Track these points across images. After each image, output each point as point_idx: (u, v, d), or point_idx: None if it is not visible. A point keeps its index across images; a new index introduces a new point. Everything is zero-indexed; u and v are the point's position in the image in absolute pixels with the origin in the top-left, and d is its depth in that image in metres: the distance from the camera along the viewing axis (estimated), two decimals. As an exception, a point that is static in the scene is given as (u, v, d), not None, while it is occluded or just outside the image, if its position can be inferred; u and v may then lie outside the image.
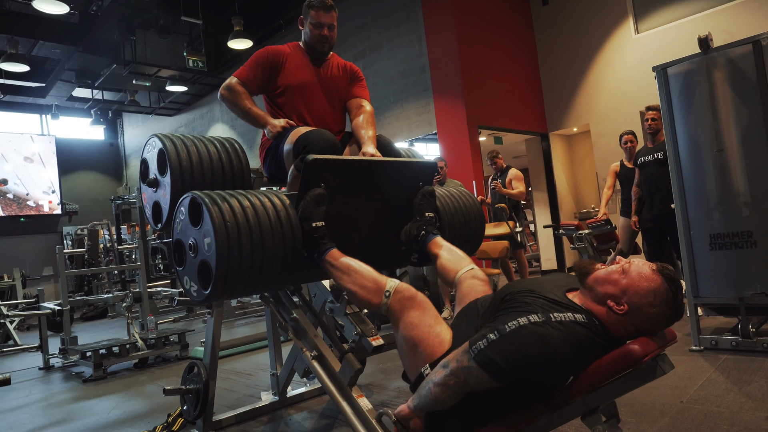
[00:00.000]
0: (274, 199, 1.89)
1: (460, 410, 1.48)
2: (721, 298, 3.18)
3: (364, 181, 2.05)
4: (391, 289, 1.67)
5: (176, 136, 2.22)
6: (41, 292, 5.65)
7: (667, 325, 1.45)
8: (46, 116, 13.87)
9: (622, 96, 7.26)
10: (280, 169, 2.33)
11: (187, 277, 1.89)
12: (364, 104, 2.49)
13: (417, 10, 7.45)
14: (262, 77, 2.40)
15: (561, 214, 8.22)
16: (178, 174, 2.11)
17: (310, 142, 2.08)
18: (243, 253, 1.73)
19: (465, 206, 2.51)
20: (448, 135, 7.15)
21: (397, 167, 2.13)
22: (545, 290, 1.50)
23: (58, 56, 9.92)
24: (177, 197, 1.99)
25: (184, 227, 1.88)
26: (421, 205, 2.14)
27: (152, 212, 2.29)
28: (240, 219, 1.76)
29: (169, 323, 6.33)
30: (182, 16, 8.51)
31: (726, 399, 2.39)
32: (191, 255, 1.83)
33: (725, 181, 3.13)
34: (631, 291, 1.41)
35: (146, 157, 2.30)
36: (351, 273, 1.78)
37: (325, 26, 2.41)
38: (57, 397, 3.72)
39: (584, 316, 1.41)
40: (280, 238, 1.82)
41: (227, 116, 11.35)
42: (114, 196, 11.14)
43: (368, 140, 2.25)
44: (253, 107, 2.36)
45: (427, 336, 1.58)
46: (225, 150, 2.28)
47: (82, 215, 13.80)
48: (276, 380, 2.89)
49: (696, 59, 3.21)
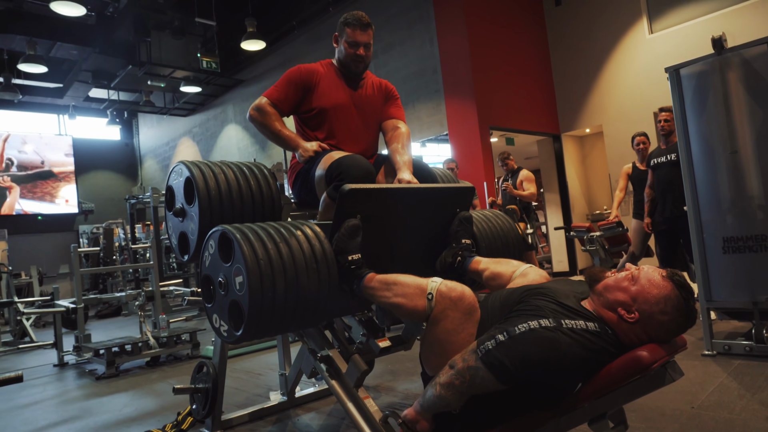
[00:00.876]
0: (307, 231, 1.80)
1: (467, 412, 1.48)
2: (735, 302, 3.13)
3: (400, 209, 1.97)
4: (433, 291, 1.53)
5: (203, 163, 2.13)
6: (56, 290, 5.73)
7: (679, 333, 1.43)
8: (64, 116, 14.09)
9: (636, 97, 7.19)
10: (310, 194, 2.25)
11: (217, 315, 1.81)
12: (400, 126, 2.39)
13: (429, 10, 7.45)
14: (294, 97, 2.30)
15: (573, 215, 8.15)
16: (206, 204, 2.02)
17: (344, 169, 1.99)
18: (276, 293, 1.64)
19: (502, 231, 2.41)
20: (460, 136, 7.14)
21: (434, 193, 2.06)
22: (560, 296, 1.49)
23: (75, 57, 10.08)
24: (206, 229, 1.92)
25: (214, 262, 1.79)
26: (458, 232, 2.07)
27: (178, 243, 2.20)
28: (273, 256, 1.66)
29: (181, 322, 6.39)
30: (196, 18, 8.61)
31: (738, 405, 2.36)
32: (221, 293, 1.75)
33: (739, 183, 3.08)
34: (641, 298, 1.39)
35: (172, 185, 2.21)
36: (391, 286, 1.67)
37: (361, 45, 2.29)
38: (71, 394, 3.78)
39: (597, 325, 1.40)
40: (316, 275, 1.73)
41: (240, 117, 11.44)
42: (129, 196, 11.28)
43: (404, 166, 2.15)
44: (284, 129, 2.26)
45: (464, 347, 1.47)
46: (254, 177, 2.19)
47: (98, 214, 14.01)
48: (284, 380, 2.90)
49: (709, 60, 3.17)
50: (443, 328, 1.51)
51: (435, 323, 1.53)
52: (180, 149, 13.69)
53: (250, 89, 10.96)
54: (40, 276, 9.44)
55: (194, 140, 13.10)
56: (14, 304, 6.18)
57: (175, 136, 13.90)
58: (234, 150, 11.59)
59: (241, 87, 11.27)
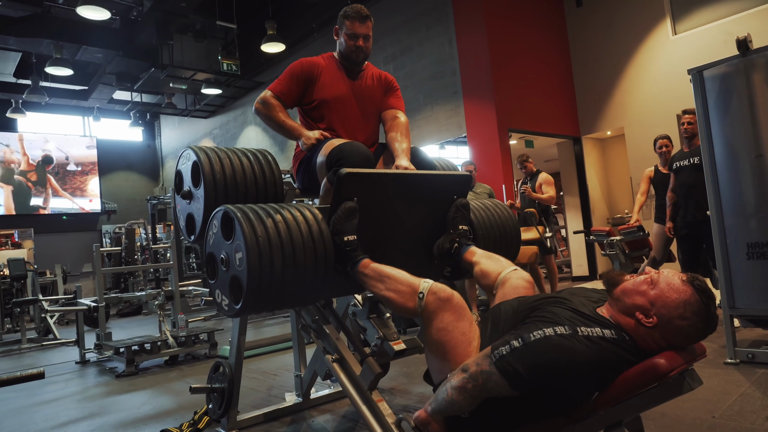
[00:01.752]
0: (306, 212, 1.88)
1: (479, 417, 1.47)
2: (759, 310, 3.05)
3: (397, 194, 2.02)
4: (424, 290, 1.61)
5: (210, 148, 2.22)
6: (79, 289, 5.85)
7: (699, 339, 1.40)
8: (88, 118, 14.39)
9: (658, 99, 7.07)
10: (313, 181, 2.33)
11: (219, 291, 1.89)
12: (399, 115, 2.46)
13: (448, 12, 7.43)
14: (297, 90, 2.39)
15: (593, 219, 8.05)
16: (211, 187, 2.12)
17: (343, 155, 2.06)
18: (274, 269, 1.72)
19: (500, 219, 2.44)
20: (478, 138, 7.10)
21: (431, 180, 2.10)
22: (576, 304, 1.47)
23: (100, 60, 10.29)
24: (210, 210, 2.00)
25: (217, 241, 1.88)
26: (455, 219, 2.11)
27: (186, 224, 2.29)
28: (272, 234, 1.75)
29: (199, 321, 6.47)
30: (218, 21, 8.71)
31: (761, 416, 2.30)
32: (223, 269, 1.83)
33: (764, 187, 3.01)
34: (659, 302, 1.37)
35: (181, 169, 2.31)
36: (385, 279, 1.74)
37: (361, 37, 2.38)
38: (91, 391, 3.85)
39: (613, 332, 1.37)
40: (312, 253, 1.80)
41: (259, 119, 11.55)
42: (150, 196, 11.47)
43: (402, 153, 2.22)
44: (288, 120, 2.36)
45: (459, 344, 1.54)
46: (258, 162, 2.28)
47: (120, 214, 14.28)
48: (300, 382, 2.92)
49: (734, 61, 3.10)
50: (436, 328, 1.56)
51: (428, 324, 1.58)
52: (201, 151, 13.85)
53: (270, 91, 11.05)
54: (64, 274, 9.64)
55: (215, 141, 13.26)
56: (39, 302, 6.33)
57: (196, 138, 14.09)
58: (253, 151, 11.69)
59: (261, 89, 11.31)
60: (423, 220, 2.11)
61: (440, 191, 2.12)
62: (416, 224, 2.11)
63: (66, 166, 13.91)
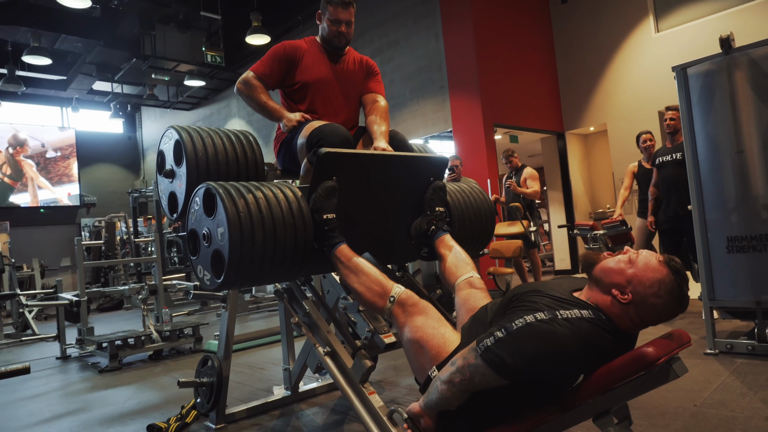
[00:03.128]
0: (286, 190, 1.93)
1: (470, 410, 1.49)
2: (738, 302, 3.13)
3: (376, 175, 2.07)
4: (395, 295, 1.71)
5: (192, 128, 2.25)
6: (59, 283, 5.75)
7: (670, 317, 1.45)
8: (67, 109, 14.10)
9: (641, 96, 7.17)
10: (293, 162, 2.36)
11: (201, 266, 1.94)
12: (379, 99, 2.51)
13: (435, 6, 7.43)
14: (279, 72, 2.41)
15: (576, 214, 8.15)
16: (194, 165, 2.15)
17: (323, 136, 2.10)
18: (255, 243, 1.76)
19: (476, 202, 2.52)
20: (464, 133, 7.13)
21: (408, 162, 2.15)
22: (551, 290, 1.51)
23: (80, 50, 10.07)
24: (192, 188, 2.04)
25: (199, 217, 1.92)
26: (431, 200, 2.16)
27: (168, 202, 2.34)
28: (253, 209, 1.79)
29: (183, 316, 6.42)
30: (201, 12, 8.59)
31: (741, 404, 2.37)
32: (205, 244, 1.88)
33: (744, 183, 3.08)
34: (636, 280, 1.42)
35: (163, 149, 2.35)
36: (359, 273, 1.80)
37: (343, 23, 2.41)
38: (74, 387, 3.80)
39: (590, 312, 1.41)
40: (292, 229, 1.85)
41: (244, 111, 11.44)
42: (131, 189, 11.29)
43: (380, 135, 2.27)
44: (269, 101, 2.38)
45: (431, 337, 1.61)
46: (240, 142, 2.32)
47: (100, 207, 14.03)
48: (288, 375, 2.92)
49: (717, 59, 3.16)
50: (408, 329, 1.65)
51: (401, 327, 1.68)
52: (183, 143, 13.68)
53: (254, 84, 10.95)
54: (42, 269, 9.47)
55: (197, 134, 13.10)
56: (17, 297, 6.20)
57: (178, 130, 13.90)
58: (237, 145, 11.58)
59: (245, 82, 11.25)
60: (400, 201, 2.16)
61: (418, 173, 2.17)
62: (394, 205, 2.15)
63: (45, 153, 13.59)
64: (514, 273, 5.66)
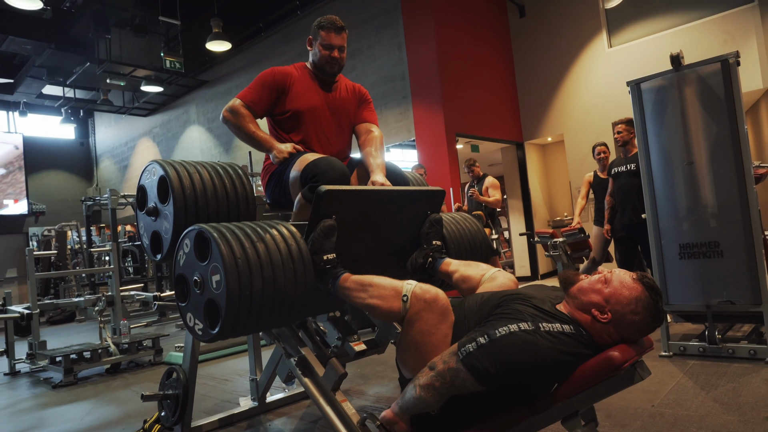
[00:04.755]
0: (283, 230, 1.81)
1: (445, 413, 1.51)
2: (690, 306, 3.29)
3: (374, 210, 2.01)
4: (408, 293, 1.57)
5: (178, 162, 2.11)
6: (8, 295, 5.47)
7: (648, 332, 1.50)
8: (14, 113, 13.47)
9: (595, 108, 7.45)
10: (284, 196, 2.26)
11: (191, 314, 1.79)
12: (373, 129, 2.44)
13: (398, 16, 7.52)
14: (268, 100, 2.31)
15: (535, 222, 8.37)
16: (181, 203, 2.00)
17: (319, 171, 2.01)
18: (254, 292, 1.64)
19: (470, 233, 2.48)
20: (427, 142, 7.22)
21: (407, 196, 2.11)
22: (537, 301, 1.54)
23: (29, 52, 9.66)
24: (180, 228, 1.90)
25: (189, 262, 1.77)
26: (428, 234, 2.11)
27: (150, 242, 2.17)
28: (251, 256, 1.66)
29: (141, 327, 6.22)
30: (160, 16, 8.40)
31: (695, 403, 2.49)
32: (197, 291, 1.73)
33: (694, 192, 3.25)
34: (613, 300, 1.46)
35: (144, 184, 2.18)
36: (367, 288, 1.70)
37: (336, 48, 2.34)
38: (25, 403, 3.62)
39: (572, 327, 1.46)
40: (292, 274, 1.73)
41: (203, 118, 11.22)
42: (85, 197, 10.87)
43: (377, 168, 2.20)
44: (258, 131, 2.27)
45: (440, 346, 1.52)
46: (229, 177, 2.18)
47: (50, 216, 13.41)
48: (256, 385, 2.87)
49: (668, 75, 3.33)
50: (418, 330, 1.54)
51: (410, 325, 1.56)
52: (139, 150, 13.29)
53: (215, 90, 10.77)
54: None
55: (154, 141, 12.75)
56: (-40, 310, 5.85)
57: (134, 137, 13.50)
58: (197, 152, 11.35)
59: (205, 88, 11.06)
60: (398, 235, 2.11)
61: (415, 206, 2.13)
62: (391, 239, 2.10)
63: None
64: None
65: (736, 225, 3.10)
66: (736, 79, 3.09)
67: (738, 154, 3.09)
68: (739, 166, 3.08)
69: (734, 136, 3.10)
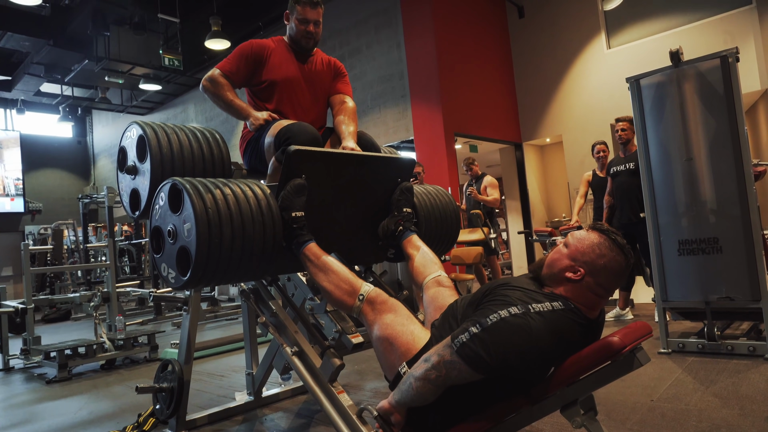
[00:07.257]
0: (255, 188, 1.91)
1: (441, 404, 1.49)
2: (689, 302, 3.28)
3: (344, 175, 2.06)
4: (365, 293, 1.71)
5: (157, 123, 2.20)
6: (2, 291, 5.43)
7: (624, 271, 1.50)
8: (11, 111, 13.42)
9: (594, 109, 7.45)
10: (260, 162, 2.33)
11: (165, 264, 1.88)
12: (347, 100, 2.51)
13: (396, 15, 7.52)
14: (246, 70, 2.39)
15: (533, 222, 8.36)
16: (158, 160, 2.09)
17: (291, 134, 2.09)
18: (223, 240, 1.72)
19: (441, 204, 2.55)
20: (425, 141, 7.21)
21: (376, 162, 2.15)
22: (523, 283, 1.54)
23: (27, 49, 9.64)
24: (157, 184, 1.98)
25: (164, 214, 1.86)
26: (399, 201, 2.17)
27: (129, 200, 2.26)
28: (221, 206, 1.75)
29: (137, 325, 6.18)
30: (159, 14, 8.38)
31: (694, 398, 2.47)
32: (170, 241, 1.82)
33: (693, 189, 3.24)
34: (578, 254, 1.49)
35: (125, 145, 2.28)
36: (328, 272, 1.80)
37: (311, 22, 2.41)
38: (19, 398, 3.59)
39: (560, 303, 1.45)
40: (261, 227, 1.82)
41: (202, 116, 11.20)
42: (81, 195, 10.83)
43: (349, 135, 2.27)
44: (236, 99, 2.35)
45: (401, 334, 1.62)
46: (206, 139, 2.28)
47: (46, 214, 13.37)
48: (252, 379, 2.85)
49: (668, 71, 3.33)
50: (378, 326, 1.65)
51: (370, 325, 1.68)
52: (137, 149, 13.27)
53: (213, 89, 10.76)
54: (-18, 278, 8.93)
55: (152, 140, 12.72)
56: (-45, 306, 5.81)
57: (131, 135, 13.46)
58: (194, 151, 11.33)
59: (204, 87, 11.05)
60: (368, 202, 2.16)
61: (385, 174, 2.18)
62: (361, 205, 2.15)
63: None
64: (474, 279, 5.74)
65: (735, 221, 3.09)
66: (735, 76, 3.09)
67: (737, 150, 3.08)
68: (738, 162, 3.08)
69: (733, 132, 3.09)
